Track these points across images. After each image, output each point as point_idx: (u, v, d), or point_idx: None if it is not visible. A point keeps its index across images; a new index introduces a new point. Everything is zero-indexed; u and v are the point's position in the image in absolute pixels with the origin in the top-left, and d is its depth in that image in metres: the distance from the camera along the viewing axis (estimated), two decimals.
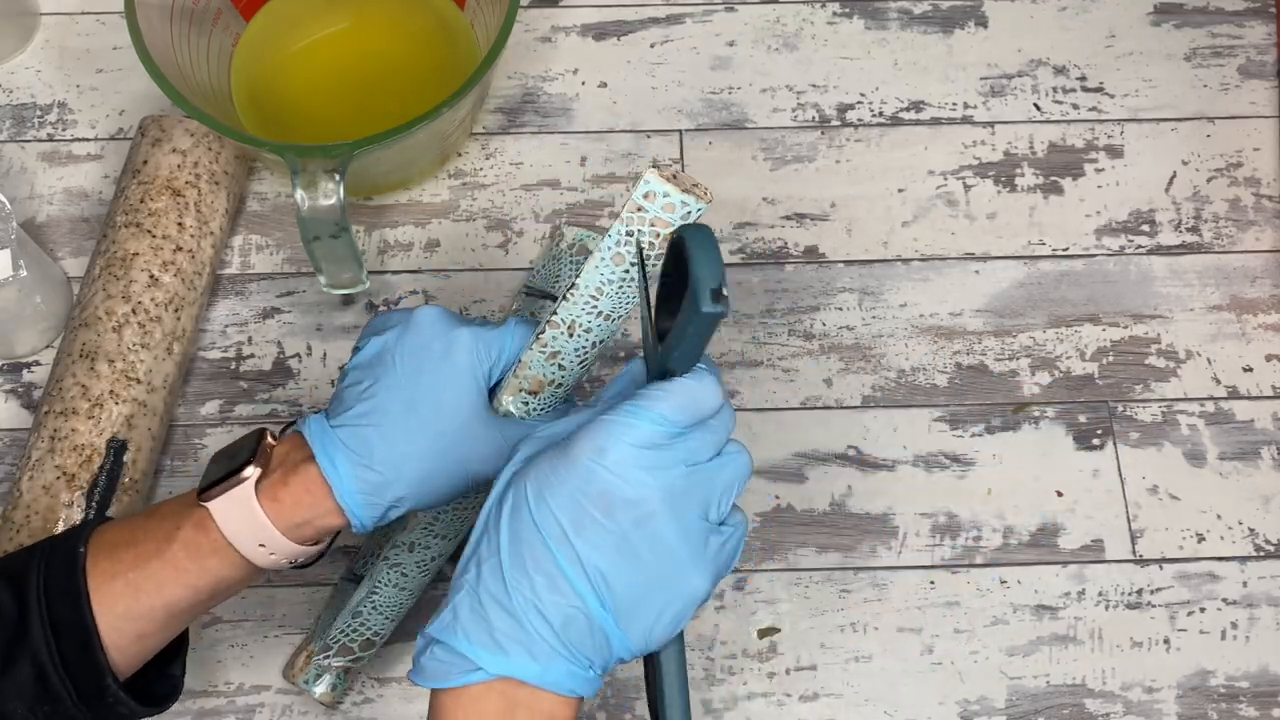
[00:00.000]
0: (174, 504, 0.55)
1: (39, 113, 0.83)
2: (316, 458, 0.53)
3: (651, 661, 0.48)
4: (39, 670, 0.50)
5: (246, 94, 0.81)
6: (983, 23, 0.88)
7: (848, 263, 0.80)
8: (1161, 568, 0.73)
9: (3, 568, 0.53)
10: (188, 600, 0.53)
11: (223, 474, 0.54)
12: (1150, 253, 0.81)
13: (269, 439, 0.55)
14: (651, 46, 0.86)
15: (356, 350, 0.57)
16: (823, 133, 0.84)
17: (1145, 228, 0.82)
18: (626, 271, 0.50)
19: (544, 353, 0.54)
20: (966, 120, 0.84)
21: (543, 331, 0.53)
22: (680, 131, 0.83)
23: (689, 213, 0.48)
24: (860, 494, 0.74)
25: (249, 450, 0.54)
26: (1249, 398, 0.77)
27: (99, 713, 0.52)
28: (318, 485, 0.53)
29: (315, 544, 0.55)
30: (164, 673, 0.57)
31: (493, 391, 0.56)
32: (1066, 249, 0.81)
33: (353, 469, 0.53)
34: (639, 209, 0.48)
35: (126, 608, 0.52)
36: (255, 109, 0.80)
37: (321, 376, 0.76)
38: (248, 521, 0.53)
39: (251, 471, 0.53)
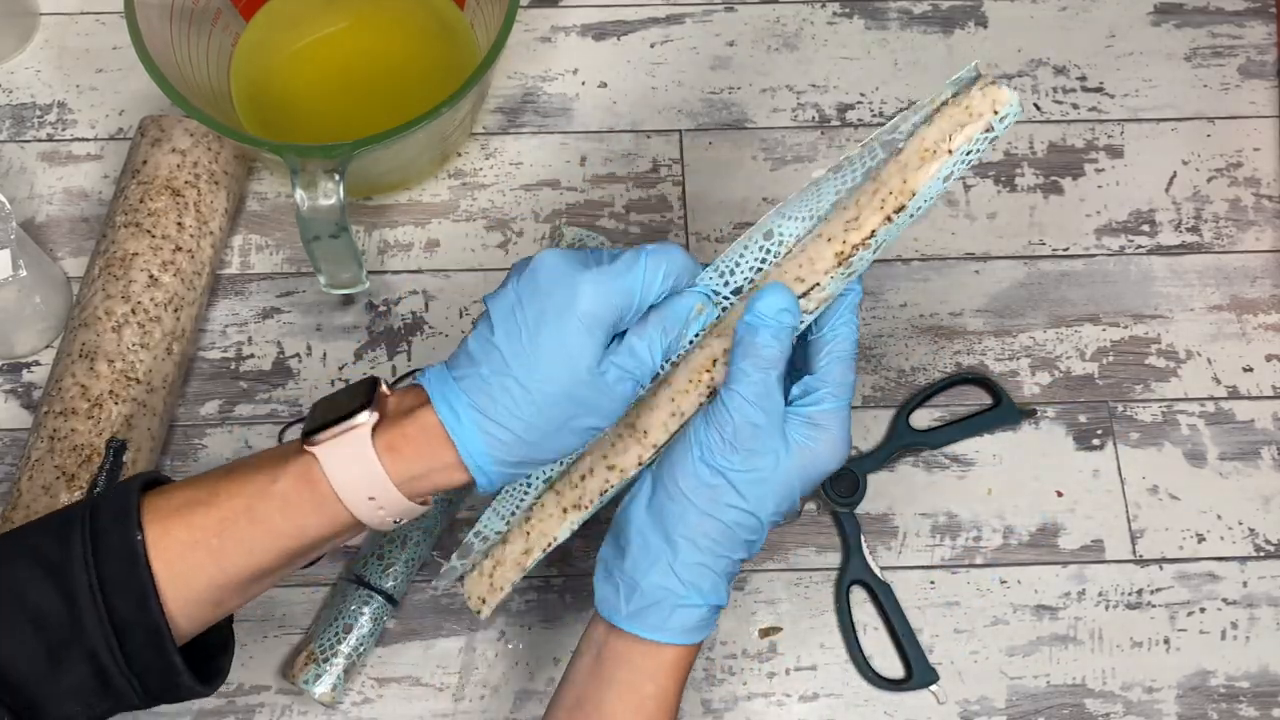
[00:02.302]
0: (261, 459, 0.51)
1: (39, 113, 0.83)
2: (436, 407, 0.50)
3: None
4: (99, 670, 0.47)
5: (246, 94, 0.80)
6: (983, 23, 0.88)
7: None
8: (1161, 568, 0.73)
9: (37, 555, 0.48)
10: (276, 564, 0.50)
11: (332, 418, 0.50)
12: (1150, 253, 0.81)
13: (384, 386, 0.51)
14: (651, 46, 0.86)
15: (487, 300, 0.53)
16: (823, 133, 0.84)
17: (1145, 228, 0.82)
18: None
19: (847, 272, 0.53)
20: None
21: (849, 253, 0.53)
22: (680, 131, 0.83)
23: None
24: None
25: (363, 395, 0.50)
26: (1249, 398, 0.77)
27: (161, 699, 0.49)
28: (439, 436, 0.50)
29: (423, 503, 0.52)
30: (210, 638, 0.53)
31: (618, 337, 0.52)
32: (1066, 249, 0.81)
33: (477, 421, 0.49)
34: (989, 129, 0.49)
35: (209, 578, 0.48)
36: (255, 109, 0.80)
37: (321, 376, 0.76)
38: (361, 471, 0.49)
39: (368, 416, 0.49)
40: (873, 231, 0.52)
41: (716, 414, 0.52)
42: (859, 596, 0.72)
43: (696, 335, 0.55)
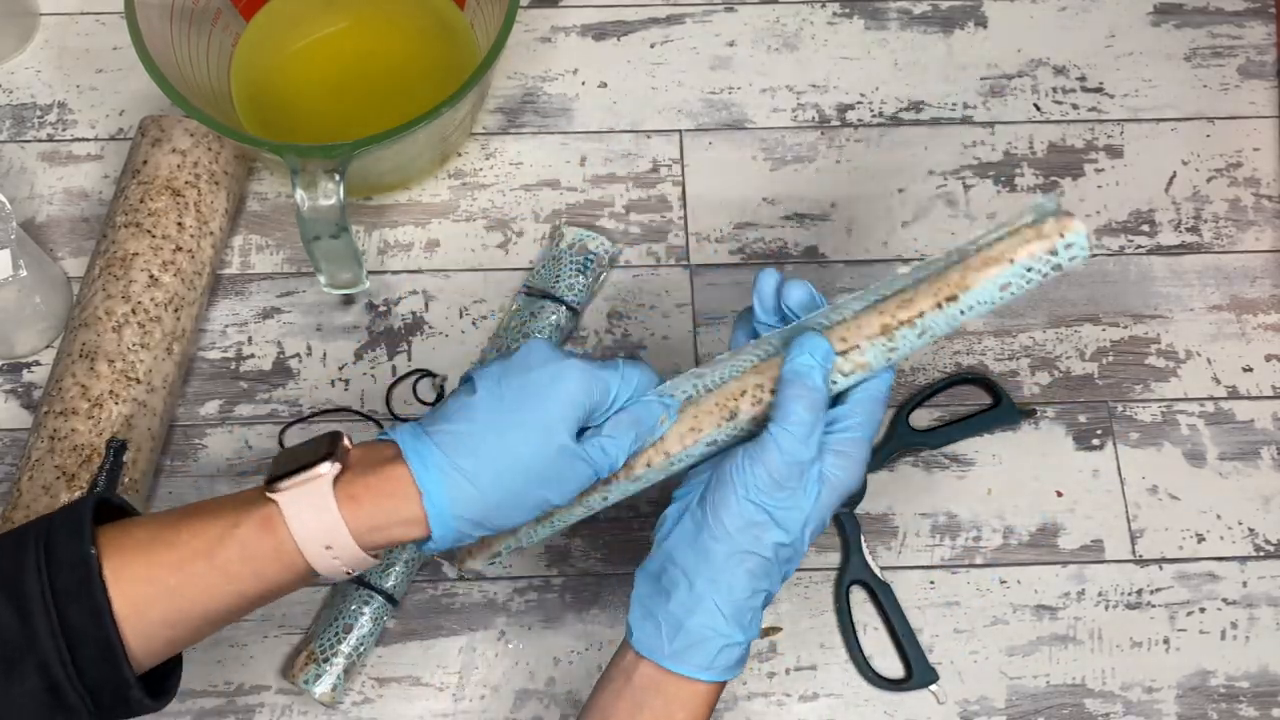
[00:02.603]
0: (224, 503, 0.52)
1: (39, 113, 0.83)
2: (407, 457, 0.51)
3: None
4: (51, 683, 0.47)
5: (246, 94, 0.80)
6: (982, 23, 0.88)
7: (848, 263, 0.80)
8: (1161, 568, 0.73)
9: None
10: (233, 608, 0.51)
11: (295, 467, 0.51)
12: (1150, 253, 0.81)
13: (346, 440, 0.53)
14: (651, 46, 0.86)
15: (467, 378, 0.55)
16: (823, 133, 0.84)
17: (1145, 228, 0.82)
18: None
19: (889, 345, 0.54)
20: (966, 120, 0.84)
21: (893, 339, 0.54)
22: (680, 131, 0.84)
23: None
24: None
25: (324, 447, 0.52)
26: (1249, 398, 0.77)
27: (113, 714, 0.49)
28: (405, 487, 0.51)
29: (377, 555, 0.53)
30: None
31: (584, 431, 0.54)
32: None
33: (446, 473, 0.51)
34: (1053, 251, 0.51)
35: (163, 615, 0.49)
36: (255, 109, 0.80)
37: (321, 376, 0.76)
38: (320, 520, 0.50)
39: (329, 467, 0.50)
40: (921, 312, 0.53)
41: (765, 453, 0.53)
42: (859, 596, 0.72)
43: (655, 441, 0.56)
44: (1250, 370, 0.78)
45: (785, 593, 0.72)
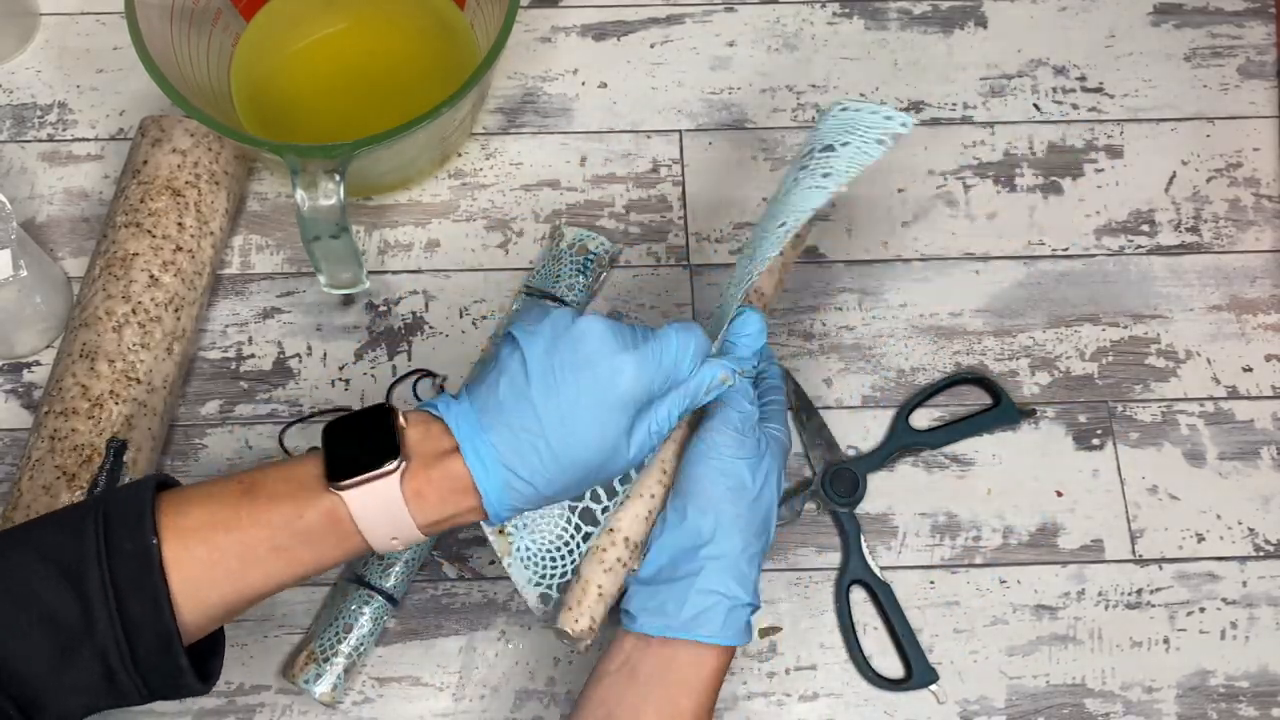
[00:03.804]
0: (282, 486, 0.51)
1: (39, 113, 0.83)
2: (466, 457, 0.51)
3: None
4: (107, 670, 0.48)
5: (246, 94, 0.81)
6: (982, 23, 0.88)
7: (848, 263, 0.80)
8: (1161, 568, 0.73)
9: (49, 555, 0.48)
10: (290, 583, 0.51)
11: (355, 459, 0.51)
12: (1150, 253, 0.81)
13: (401, 419, 0.53)
14: (651, 46, 0.86)
15: (510, 337, 0.54)
16: None
17: (1145, 228, 0.82)
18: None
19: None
20: (966, 120, 0.84)
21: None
22: (680, 131, 0.84)
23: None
24: None
25: (386, 437, 0.52)
26: (1249, 398, 0.77)
27: (162, 697, 0.50)
28: (466, 486, 0.52)
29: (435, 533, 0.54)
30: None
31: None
32: (1066, 249, 0.81)
33: (503, 475, 0.52)
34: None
35: (223, 595, 0.50)
36: (255, 109, 0.80)
37: (321, 376, 0.76)
38: (388, 516, 0.51)
39: (397, 464, 0.51)
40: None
41: (726, 416, 0.58)
42: (859, 596, 0.72)
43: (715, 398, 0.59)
44: (1250, 370, 0.78)
45: (785, 592, 0.72)
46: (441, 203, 0.81)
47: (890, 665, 0.71)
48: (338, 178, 0.66)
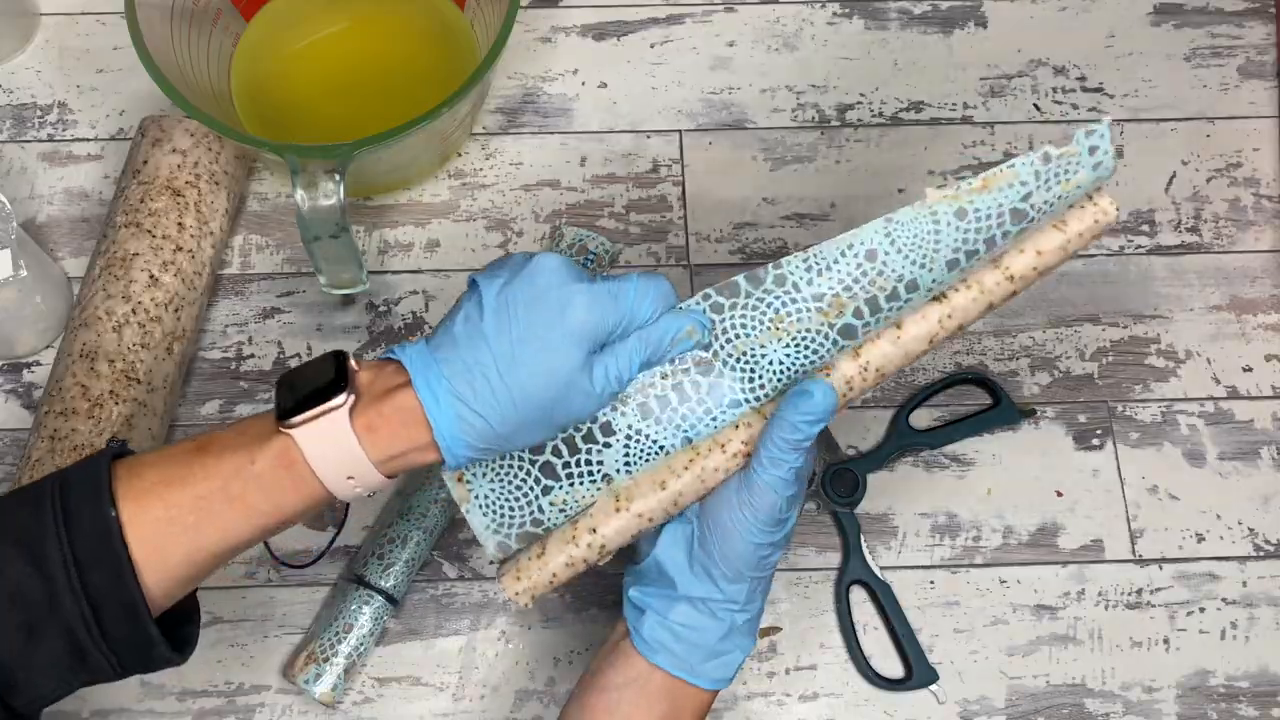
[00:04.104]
0: (233, 437, 0.51)
1: (39, 113, 0.83)
2: (417, 389, 0.50)
3: None
4: (75, 645, 0.47)
5: (246, 94, 0.81)
6: (982, 23, 0.88)
7: None
8: (1161, 568, 0.73)
9: (9, 534, 0.48)
10: (252, 538, 0.50)
11: (304, 397, 0.50)
12: (1150, 253, 0.81)
13: (353, 362, 0.52)
14: (651, 46, 0.86)
15: (473, 284, 0.53)
16: (823, 133, 0.84)
17: (1145, 228, 0.82)
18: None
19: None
20: (966, 120, 0.84)
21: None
22: (680, 131, 0.84)
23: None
24: None
25: (333, 373, 0.51)
26: (1248, 398, 0.77)
27: (136, 670, 0.50)
28: (416, 418, 0.50)
29: (392, 477, 0.52)
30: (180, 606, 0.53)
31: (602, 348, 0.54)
32: None
33: (454, 406, 0.50)
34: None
35: (185, 554, 0.49)
36: (255, 109, 0.80)
37: None
38: (340, 453, 0.49)
39: (345, 398, 0.49)
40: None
41: (751, 496, 0.55)
42: (859, 596, 0.72)
43: (679, 356, 0.55)
44: (1250, 370, 0.78)
45: (785, 593, 0.72)
46: (441, 203, 0.81)
47: (890, 665, 0.71)
48: (338, 178, 0.66)
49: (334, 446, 0.49)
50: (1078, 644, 0.71)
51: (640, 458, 0.56)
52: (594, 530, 0.57)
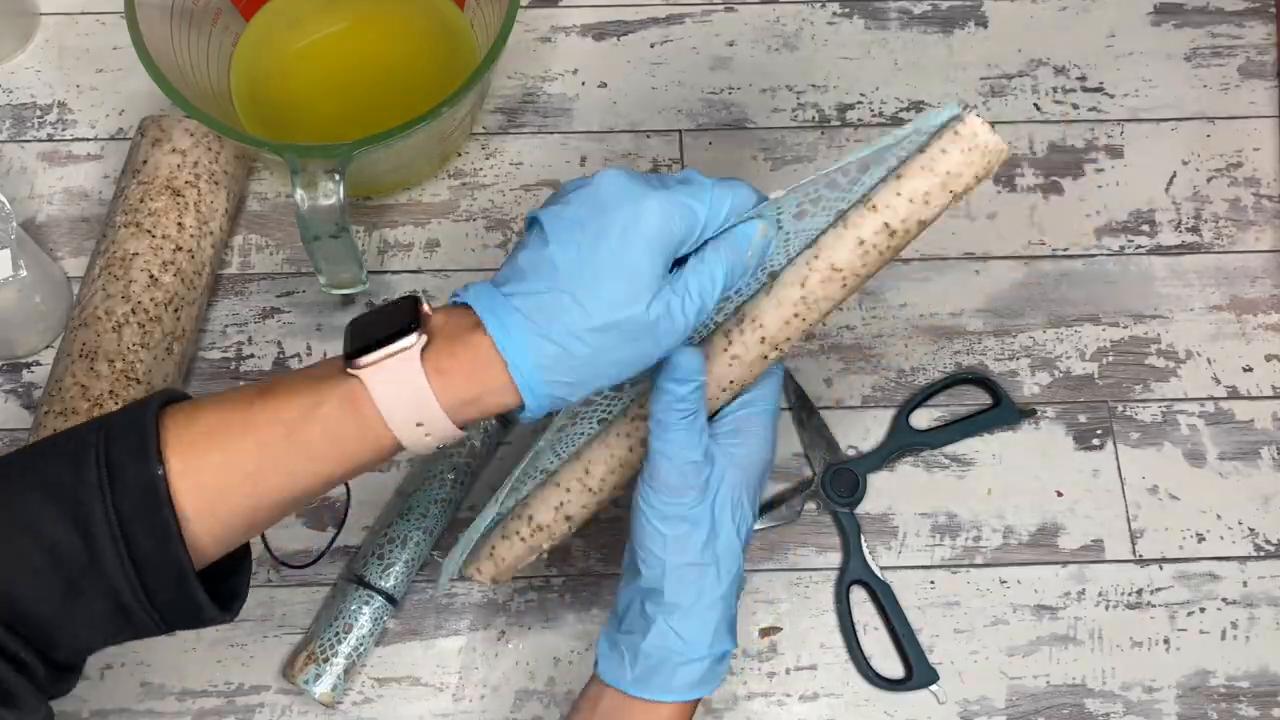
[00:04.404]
0: (298, 380, 0.48)
1: (39, 113, 0.83)
2: (487, 326, 0.47)
3: None
4: (119, 605, 0.45)
5: (246, 94, 0.80)
6: (983, 23, 0.88)
7: None
8: (1161, 568, 0.73)
9: (51, 491, 0.45)
10: (314, 489, 0.48)
11: (375, 340, 0.47)
12: (1150, 253, 0.81)
13: (426, 305, 0.49)
14: (651, 46, 0.86)
15: (532, 220, 0.50)
16: (823, 133, 0.84)
17: (1145, 228, 0.82)
18: None
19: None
20: None
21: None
22: (680, 131, 0.84)
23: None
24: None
25: (408, 315, 0.48)
26: (1249, 398, 0.77)
27: (183, 627, 0.48)
28: (490, 356, 0.47)
29: (465, 428, 0.49)
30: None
31: (682, 261, 0.50)
32: (1066, 249, 0.81)
33: (529, 338, 0.47)
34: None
35: (242, 502, 0.46)
36: (255, 109, 0.80)
37: None
38: (410, 396, 0.46)
39: (416, 339, 0.47)
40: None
41: (654, 471, 0.52)
42: (859, 596, 0.72)
43: (759, 264, 0.53)
44: (1250, 370, 0.78)
45: (785, 593, 0.72)
46: (441, 202, 0.81)
47: (890, 665, 0.71)
48: (337, 178, 0.66)
49: (404, 390, 0.47)
50: (1078, 644, 0.71)
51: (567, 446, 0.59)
52: (529, 507, 0.60)
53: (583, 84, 0.85)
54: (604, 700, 0.55)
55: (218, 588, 0.48)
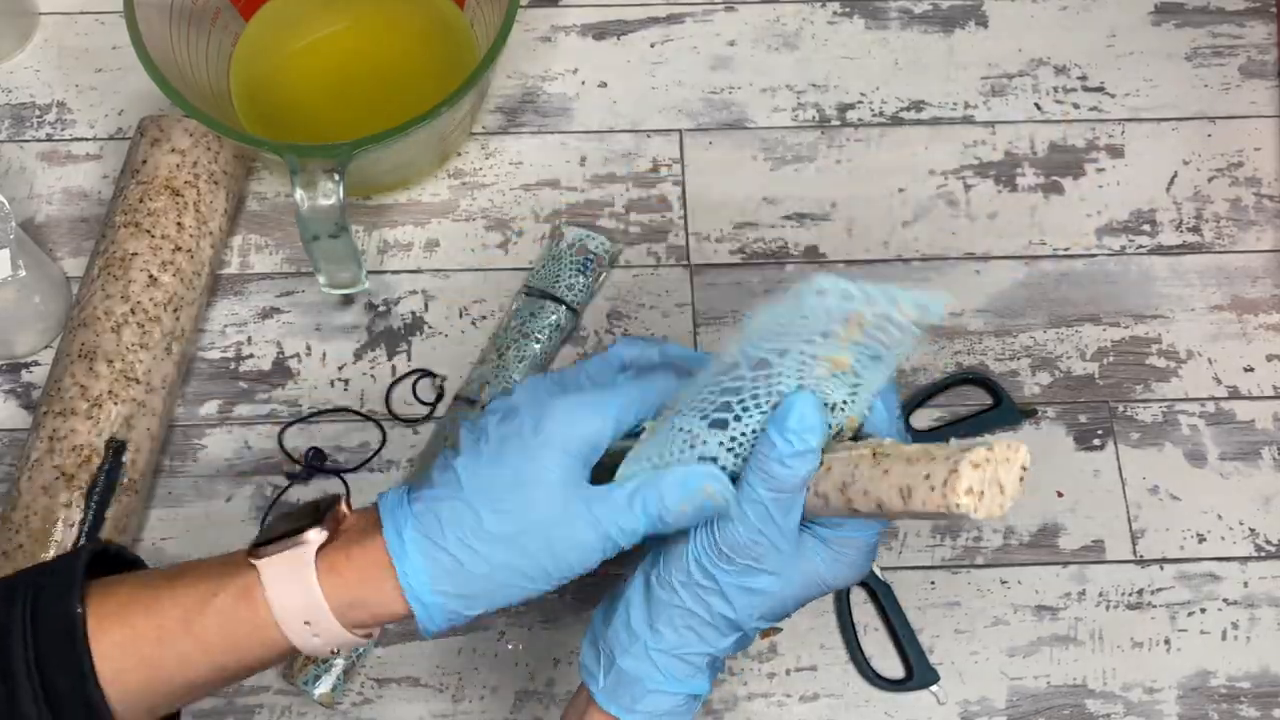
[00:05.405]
0: (209, 565, 0.48)
1: (38, 112, 0.83)
2: (385, 533, 0.47)
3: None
4: None
5: (246, 94, 0.80)
6: (983, 22, 0.87)
7: (848, 263, 0.80)
8: (1162, 568, 0.73)
9: None
10: (211, 681, 0.48)
11: (281, 532, 0.47)
12: (1151, 252, 0.81)
13: (343, 506, 0.49)
14: (651, 46, 0.86)
15: (460, 422, 0.51)
16: (823, 133, 0.84)
17: (1146, 227, 0.81)
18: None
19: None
20: (967, 120, 0.84)
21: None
22: (680, 131, 0.83)
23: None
24: None
25: (318, 512, 0.48)
26: (1250, 398, 0.77)
27: None
28: (383, 560, 0.46)
29: (367, 634, 0.49)
30: None
31: (602, 466, 0.49)
32: (1067, 249, 0.81)
33: (421, 546, 0.46)
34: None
35: (140, 683, 0.46)
36: (255, 109, 0.80)
37: (321, 377, 0.76)
38: (299, 592, 0.46)
39: (316, 535, 0.47)
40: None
41: (723, 520, 0.48)
42: (859, 596, 0.72)
43: (701, 520, 0.48)
44: (1251, 370, 0.78)
45: None
46: (441, 202, 0.81)
47: (891, 666, 0.71)
48: (337, 178, 0.66)
49: (294, 586, 0.46)
50: (1078, 644, 0.71)
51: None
52: None
53: (583, 84, 0.85)
54: (589, 713, 0.53)
55: None
